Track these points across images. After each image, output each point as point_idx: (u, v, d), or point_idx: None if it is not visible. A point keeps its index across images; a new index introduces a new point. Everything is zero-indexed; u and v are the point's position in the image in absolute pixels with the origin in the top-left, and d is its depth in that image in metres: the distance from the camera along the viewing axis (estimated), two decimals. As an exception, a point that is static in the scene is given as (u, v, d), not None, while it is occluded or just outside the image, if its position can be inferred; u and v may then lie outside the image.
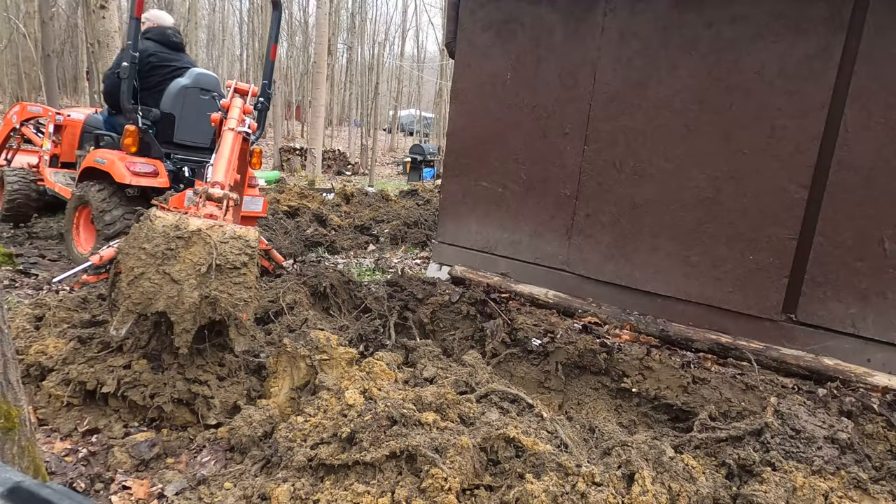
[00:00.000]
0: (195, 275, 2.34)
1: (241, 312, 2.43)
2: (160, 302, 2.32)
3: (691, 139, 3.70)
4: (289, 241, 6.31)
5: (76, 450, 2.23)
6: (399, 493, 1.80)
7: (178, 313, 2.33)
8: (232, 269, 2.42)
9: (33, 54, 16.79)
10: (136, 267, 2.35)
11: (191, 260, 2.36)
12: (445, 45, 5.14)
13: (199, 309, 2.35)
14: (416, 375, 2.83)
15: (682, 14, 3.67)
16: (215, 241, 2.40)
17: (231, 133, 3.21)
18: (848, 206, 3.25)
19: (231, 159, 3.10)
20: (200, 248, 2.37)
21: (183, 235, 2.38)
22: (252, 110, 3.54)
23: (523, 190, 4.45)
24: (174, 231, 2.38)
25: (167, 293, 2.32)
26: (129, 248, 2.41)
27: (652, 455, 2.03)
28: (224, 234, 2.44)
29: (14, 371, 1.59)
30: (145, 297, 2.32)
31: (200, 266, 2.35)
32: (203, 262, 2.36)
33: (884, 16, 3.11)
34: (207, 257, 2.37)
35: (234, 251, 2.43)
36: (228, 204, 2.84)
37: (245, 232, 2.50)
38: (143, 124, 4.54)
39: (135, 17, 4.36)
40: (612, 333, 3.61)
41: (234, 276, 2.42)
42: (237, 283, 2.42)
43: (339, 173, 19.42)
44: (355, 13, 26.99)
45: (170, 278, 2.33)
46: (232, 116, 3.32)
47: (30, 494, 0.60)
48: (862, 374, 3.07)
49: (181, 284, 2.33)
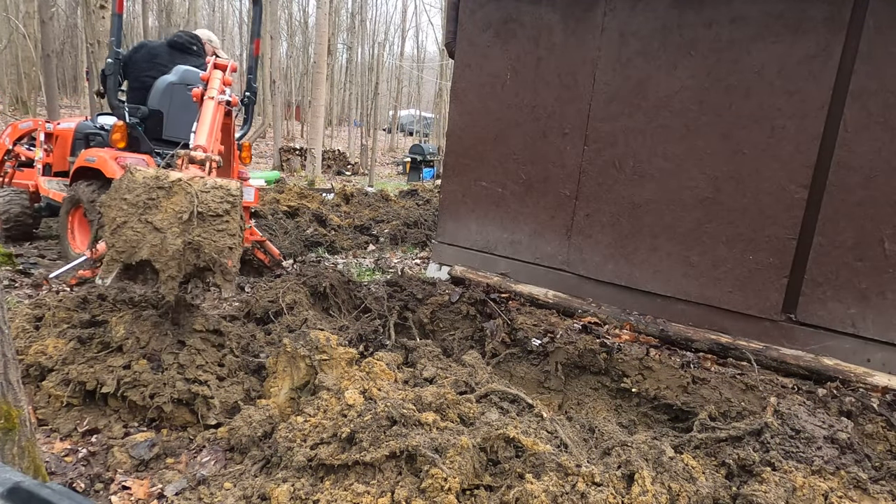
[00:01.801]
0: (178, 223, 2.38)
1: (225, 259, 2.47)
2: (144, 250, 2.36)
3: (691, 139, 3.70)
4: (289, 241, 6.31)
5: (76, 450, 2.23)
6: (399, 493, 1.80)
7: (163, 260, 2.37)
8: (214, 217, 2.46)
9: (33, 54, 16.78)
10: (118, 217, 2.39)
11: (172, 209, 2.40)
12: (445, 45, 5.14)
13: (184, 255, 2.39)
14: (415, 375, 2.83)
15: (682, 14, 3.68)
16: (196, 189, 2.44)
17: (212, 102, 3.27)
18: (848, 206, 3.25)
19: (213, 126, 3.15)
20: (182, 197, 2.42)
21: (164, 185, 2.42)
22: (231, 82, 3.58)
23: (523, 190, 4.45)
24: (155, 182, 2.42)
25: (150, 241, 2.36)
26: (110, 199, 2.45)
27: (652, 455, 2.03)
28: (205, 184, 2.49)
29: (14, 371, 1.59)
30: (129, 246, 2.36)
31: (182, 214, 2.39)
32: (185, 210, 2.40)
33: (883, 16, 3.11)
34: (189, 205, 2.41)
35: (216, 199, 2.47)
36: (211, 166, 2.87)
37: (226, 182, 2.54)
38: (130, 120, 4.55)
39: (117, 14, 4.41)
40: (611, 333, 3.61)
41: (216, 224, 2.46)
42: (220, 231, 2.46)
43: (338, 173, 19.42)
44: (355, 13, 26.97)
45: (152, 227, 2.37)
46: (212, 87, 3.38)
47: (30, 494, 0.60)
48: (862, 374, 3.07)
49: (164, 232, 2.37)
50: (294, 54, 30.44)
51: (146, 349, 2.55)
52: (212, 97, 3.30)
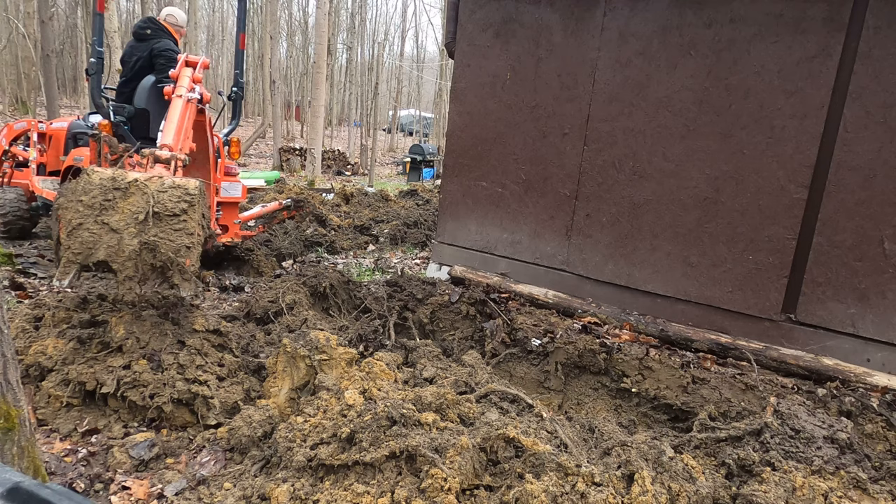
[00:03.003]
0: (134, 223, 2.40)
1: (183, 258, 2.48)
2: (100, 251, 2.38)
3: (691, 139, 3.70)
4: (288, 241, 6.32)
5: (76, 450, 2.23)
6: (399, 493, 1.80)
7: (119, 261, 2.39)
8: (171, 217, 2.46)
9: (33, 54, 16.77)
10: (73, 219, 2.40)
11: (129, 209, 2.41)
12: (445, 45, 5.14)
13: (140, 256, 2.41)
14: (415, 375, 2.83)
15: (682, 14, 3.68)
16: (153, 190, 2.45)
17: (179, 100, 3.27)
18: (848, 206, 3.25)
19: (181, 125, 3.14)
20: (138, 197, 2.43)
21: (120, 186, 2.43)
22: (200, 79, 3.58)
23: (523, 190, 4.45)
24: (111, 183, 2.43)
25: (107, 242, 2.38)
26: (66, 201, 2.46)
27: (652, 455, 2.03)
28: (163, 184, 2.49)
29: (14, 371, 1.59)
30: (85, 247, 2.38)
31: (138, 214, 2.41)
32: (141, 210, 2.41)
33: (883, 16, 3.11)
34: (145, 206, 2.42)
35: (173, 199, 2.48)
36: (177, 165, 2.88)
37: (185, 182, 2.54)
38: (115, 119, 4.56)
39: (98, 13, 4.42)
40: (611, 333, 3.61)
41: (173, 224, 2.47)
42: (178, 230, 2.47)
43: (338, 173, 19.41)
44: (355, 13, 26.96)
45: (109, 228, 2.39)
46: (181, 84, 3.38)
47: (29, 495, 0.60)
48: (861, 374, 3.07)
49: (120, 233, 2.39)
50: (294, 54, 30.44)
51: (146, 349, 2.55)
52: (180, 95, 3.30)
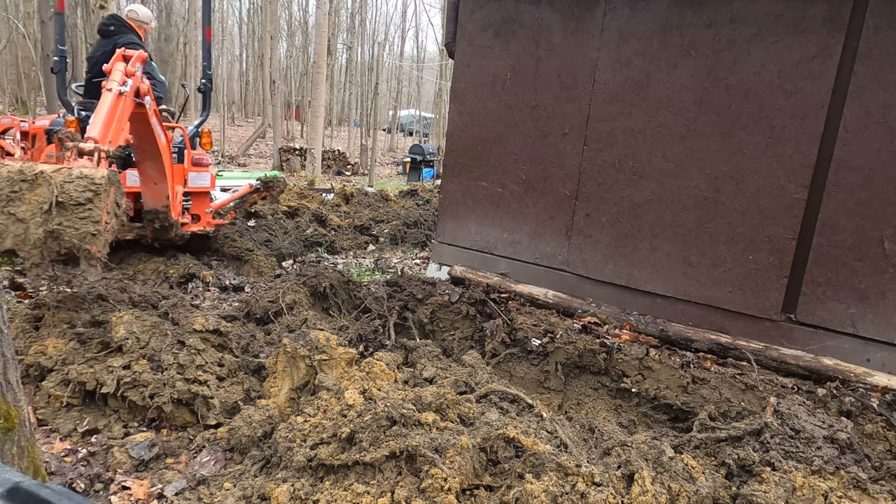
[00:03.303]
0: (39, 213, 2.51)
1: (88, 245, 2.58)
2: (8, 240, 2.51)
3: (691, 139, 3.70)
4: (288, 241, 6.32)
5: (76, 450, 2.23)
6: (399, 493, 1.80)
7: (26, 249, 2.51)
8: (77, 206, 2.57)
9: (33, 54, 16.77)
10: None
11: (35, 200, 2.53)
12: (445, 45, 5.14)
13: (45, 244, 2.53)
14: (415, 375, 2.83)
15: (682, 14, 3.67)
16: (58, 181, 2.56)
17: (109, 93, 3.33)
18: (847, 206, 3.25)
19: (110, 118, 3.21)
20: (45, 189, 2.54)
21: (27, 178, 2.55)
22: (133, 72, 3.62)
23: (523, 190, 4.45)
24: (19, 175, 2.55)
25: (14, 232, 2.50)
26: None
27: (652, 455, 2.03)
28: (69, 174, 2.59)
29: (14, 371, 1.59)
30: None
31: (44, 204, 2.52)
32: (46, 200, 2.53)
33: (883, 16, 3.11)
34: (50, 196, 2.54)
35: (79, 189, 2.58)
36: (100, 157, 2.95)
37: (92, 172, 2.65)
38: (79, 115, 4.58)
39: (58, 13, 4.50)
40: (611, 333, 3.61)
41: (79, 212, 2.58)
42: (83, 219, 2.58)
43: (338, 173, 19.41)
44: (355, 13, 26.95)
45: (15, 218, 2.51)
46: (112, 78, 3.44)
47: (29, 495, 0.60)
48: (861, 374, 3.07)
49: (27, 223, 2.51)
50: (294, 54, 30.42)
51: (146, 349, 2.55)
52: (110, 88, 3.37)
